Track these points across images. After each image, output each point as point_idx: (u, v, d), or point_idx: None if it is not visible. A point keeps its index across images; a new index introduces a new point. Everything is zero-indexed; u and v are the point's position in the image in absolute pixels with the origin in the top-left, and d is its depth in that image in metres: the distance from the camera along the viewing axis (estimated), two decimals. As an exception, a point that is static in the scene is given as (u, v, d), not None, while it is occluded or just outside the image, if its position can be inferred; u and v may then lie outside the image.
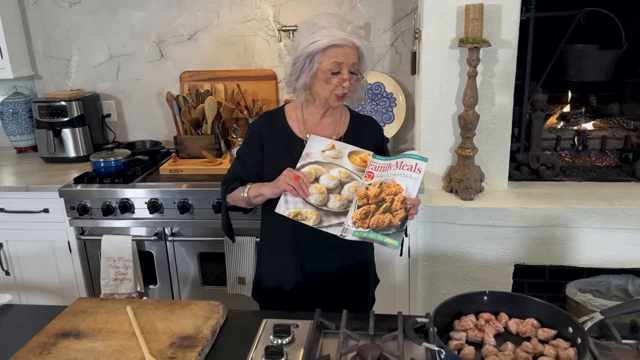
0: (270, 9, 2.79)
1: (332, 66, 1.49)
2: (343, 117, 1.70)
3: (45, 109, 2.81)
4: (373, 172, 1.45)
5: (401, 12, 2.70)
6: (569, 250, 2.29)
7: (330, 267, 1.66)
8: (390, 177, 1.45)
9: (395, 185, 1.44)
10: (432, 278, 2.40)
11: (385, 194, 1.45)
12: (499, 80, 2.28)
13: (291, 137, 1.64)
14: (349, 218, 1.45)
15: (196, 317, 1.31)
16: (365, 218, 1.44)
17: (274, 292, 1.72)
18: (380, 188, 1.45)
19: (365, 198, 1.46)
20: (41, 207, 2.50)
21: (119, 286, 2.45)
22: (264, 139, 1.64)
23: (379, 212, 1.44)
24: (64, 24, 2.97)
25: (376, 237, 1.42)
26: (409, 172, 1.44)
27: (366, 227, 1.44)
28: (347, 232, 1.45)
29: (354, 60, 1.50)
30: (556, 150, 2.65)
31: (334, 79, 1.50)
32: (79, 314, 1.36)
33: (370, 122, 1.74)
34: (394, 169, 1.45)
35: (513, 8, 2.19)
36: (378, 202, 1.45)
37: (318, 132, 1.64)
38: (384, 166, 1.46)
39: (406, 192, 1.44)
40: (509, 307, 1.22)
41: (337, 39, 1.47)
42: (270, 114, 1.74)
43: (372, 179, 1.45)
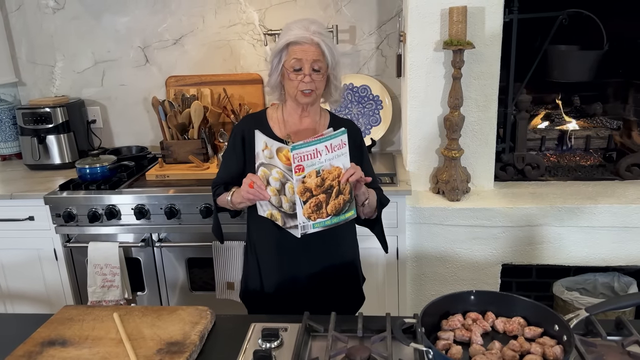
0: (255, 13, 2.79)
1: (293, 63, 1.55)
2: (323, 118, 1.72)
3: (29, 115, 2.78)
4: (302, 164, 1.43)
5: (386, 15, 2.71)
6: (556, 249, 2.31)
7: (316, 267, 1.67)
8: (327, 163, 1.46)
9: (335, 168, 1.48)
10: (421, 279, 2.41)
11: (330, 181, 1.47)
12: (483, 82, 2.30)
13: (272, 138, 1.65)
14: (300, 217, 1.47)
15: (184, 323, 1.31)
16: (319, 209, 1.48)
17: (261, 295, 1.72)
18: (321, 176, 1.46)
19: (308, 192, 1.46)
20: (26, 215, 2.48)
21: (107, 293, 2.43)
22: (245, 141, 1.67)
23: (332, 198, 1.48)
24: (47, 29, 2.95)
25: (339, 220, 1.51)
26: (339, 151, 1.48)
27: (326, 216, 1.49)
28: (306, 228, 1.48)
29: (315, 57, 1.54)
30: (541, 150, 2.68)
31: (295, 75, 1.55)
32: (65, 321, 1.34)
33: (349, 125, 1.74)
34: (326, 154, 1.46)
35: (496, 10, 2.22)
36: (326, 190, 1.48)
37: (298, 132, 1.67)
38: (311, 153, 1.44)
39: (344, 168, 1.50)
40: (495, 306, 1.23)
41: (295, 37, 1.53)
42: (252, 116, 1.78)
43: (304, 171, 1.44)
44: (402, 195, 2.26)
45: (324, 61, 1.56)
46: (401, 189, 2.27)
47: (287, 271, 1.66)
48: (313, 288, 1.69)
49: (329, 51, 1.56)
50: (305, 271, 1.67)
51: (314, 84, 1.57)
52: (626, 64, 2.61)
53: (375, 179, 1.79)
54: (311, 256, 1.65)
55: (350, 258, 1.78)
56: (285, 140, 1.63)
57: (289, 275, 1.67)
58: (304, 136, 1.66)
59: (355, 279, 1.81)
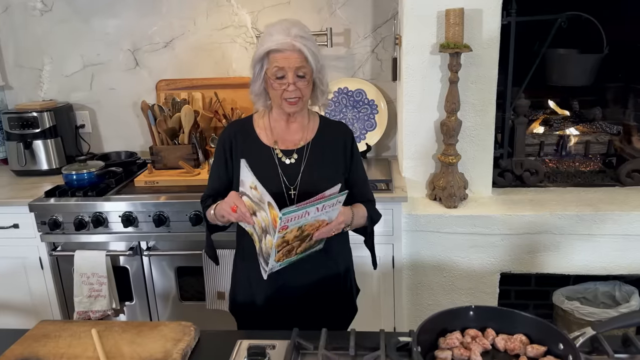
0: (248, 16, 2.73)
1: (276, 71, 1.47)
2: (312, 122, 1.65)
3: (15, 120, 2.71)
4: (288, 224, 1.34)
5: (381, 18, 2.66)
6: (555, 258, 2.25)
7: (307, 279, 1.61)
8: (312, 219, 1.39)
9: (319, 221, 1.42)
10: (417, 288, 2.34)
11: (310, 230, 1.42)
12: (480, 86, 2.24)
13: (259, 145, 1.61)
14: (271, 262, 1.42)
15: (165, 340, 1.24)
16: (290, 252, 1.44)
17: (250, 307, 1.66)
18: (302, 229, 1.39)
19: (285, 243, 1.40)
20: (11, 223, 2.40)
21: (94, 303, 2.35)
22: (232, 149, 1.61)
23: (305, 241, 1.44)
24: (35, 32, 2.88)
25: (304, 256, 1.48)
26: (330, 209, 1.41)
27: (294, 256, 1.46)
28: (273, 269, 1.45)
29: (298, 64, 1.46)
30: (540, 156, 2.63)
31: (279, 84, 1.49)
32: (41, 338, 1.27)
33: (340, 128, 1.68)
34: (315, 213, 1.37)
35: (494, 12, 2.16)
36: (303, 238, 1.42)
37: (285, 138, 1.61)
38: (299, 214, 1.35)
39: (329, 220, 1.44)
40: (496, 322, 1.16)
41: (275, 44, 1.46)
42: (237, 122, 1.71)
43: (287, 229, 1.35)
44: (397, 202, 2.20)
45: (308, 67, 1.48)
46: (397, 195, 2.20)
47: (277, 280, 1.59)
48: (304, 299, 1.62)
49: (313, 56, 1.48)
50: (296, 281, 1.60)
51: (299, 91, 1.50)
52: (626, 68, 2.57)
53: (369, 189, 1.72)
54: (302, 265, 1.57)
55: (344, 268, 1.71)
56: (273, 148, 1.56)
57: (279, 285, 1.60)
58: (291, 142, 1.61)
59: (348, 290, 1.74)
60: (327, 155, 1.61)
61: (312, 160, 1.59)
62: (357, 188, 1.66)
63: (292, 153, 1.59)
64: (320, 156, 1.60)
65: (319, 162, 1.59)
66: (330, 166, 1.61)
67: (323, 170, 1.59)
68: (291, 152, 1.59)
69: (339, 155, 1.62)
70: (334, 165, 1.62)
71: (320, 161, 1.60)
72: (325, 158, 1.61)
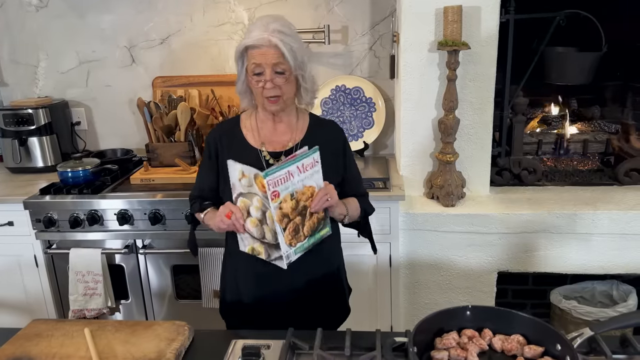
0: (245, 12, 2.71)
1: (253, 67, 1.44)
2: (300, 121, 1.61)
3: (10, 117, 2.69)
4: (277, 189, 1.33)
5: (379, 15, 2.64)
6: (553, 257, 2.24)
7: (297, 279, 1.56)
8: (299, 184, 1.39)
9: (307, 188, 1.41)
10: (415, 287, 2.33)
11: (304, 201, 1.41)
12: (479, 84, 2.23)
13: (245, 147, 1.56)
14: (283, 247, 1.39)
15: (159, 340, 1.22)
16: (297, 233, 1.41)
17: (240, 307, 1.62)
18: (295, 199, 1.38)
19: (286, 217, 1.38)
20: (5, 220, 2.38)
21: (89, 302, 2.34)
22: (219, 152, 1.58)
23: (307, 219, 1.42)
24: (30, 28, 2.86)
25: (314, 240, 1.46)
26: (312, 170, 1.41)
27: (304, 239, 1.43)
28: (290, 256, 1.41)
29: (274, 60, 1.42)
30: (537, 155, 2.62)
31: (257, 81, 1.45)
32: (33, 337, 1.26)
33: (330, 126, 1.65)
34: (299, 174, 1.38)
35: (492, 10, 2.15)
36: (301, 212, 1.40)
37: (272, 139, 1.57)
38: (284, 176, 1.35)
39: (317, 187, 1.44)
40: (493, 323, 1.15)
41: (251, 40, 1.43)
42: (225, 123, 1.68)
43: (280, 197, 1.35)
44: (395, 201, 2.19)
45: (285, 63, 1.43)
46: (394, 194, 2.19)
47: (266, 280, 1.56)
48: (294, 300, 1.58)
49: (290, 52, 1.43)
50: (286, 281, 1.55)
51: (278, 89, 1.46)
52: (625, 67, 2.55)
53: (361, 184, 1.70)
54: (292, 265, 1.52)
55: (335, 268, 1.68)
56: (260, 150, 1.54)
57: (268, 285, 1.56)
58: (279, 144, 1.57)
59: (340, 291, 1.72)
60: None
61: None
62: (349, 186, 1.63)
63: (280, 155, 1.55)
64: None
65: None
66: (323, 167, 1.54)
67: None
68: (279, 155, 1.55)
69: (331, 155, 1.57)
70: (326, 166, 1.54)
71: None
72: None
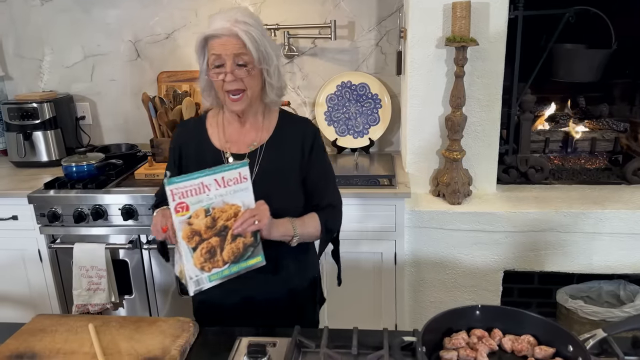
0: (251, 7, 2.69)
1: (213, 59, 1.34)
2: (268, 120, 1.49)
3: (15, 111, 2.68)
4: (184, 202, 1.18)
5: (386, 10, 2.62)
6: (560, 256, 2.22)
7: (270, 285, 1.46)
8: (218, 199, 1.23)
9: (229, 206, 1.25)
10: (420, 285, 2.31)
11: (224, 221, 1.24)
12: (486, 81, 2.21)
13: (209, 149, 1.47)
14: (190, 269, 1.21)
15: (164, 336, 1.21)
16: (213, 257, 1.24)
17: (210, 309, 1.51)
18: (211, 216, 1.23)
19: (196, 235, 1.21)
20: (9, 214, 2.38)
21: (92, 297, 2.33)
22: (182, 156, 1.50)
23: (228, 242, 1.25)
24: (35, 22, 2.85)
25: (239, 269, 1.28)
26: (237, 186, 1.25)
27: (223, 264, 1.25)
28: (201, 282, 1.23)
29: (235, 51, 1.32)
30: (545, 153, 2.59)
31: (217, 73, 1.34)
32: (37, 332, 1.25)
33: (301, 125, 1.50)
34: (217, 188, 1.22)
35: (501, 6, 2.12)
36: (219, 232, 1.24)
37: (238, 140, 1.47)
38: (195, 188, 1.20)
39: (244, 206, 1.27)
40: (502, 323, 1.13)
41: (213, 29, 1.32)
42: (189, 122, 1.58)
43: (189, 210, 1.19)
44: (400, 198, 2.17)
45: (248, 54, 1.33)
46: (400, 191, 2.17)
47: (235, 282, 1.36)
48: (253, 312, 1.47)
49: (252, 42, 1.32)
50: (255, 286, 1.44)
51: (240, 82, 1.34)
52: (634, 64, 2.52)
53: (330, 193, 1.52)
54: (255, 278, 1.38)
55: (311, 277, 1.58)
56: (223, 152, 1.44)
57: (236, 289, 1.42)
58: (243, 144, 1.46)
59: (314, 302, 1.62)
60: (282, 158, 1.45)
61: (265, 164, 1.44)
62: (315, 193, 1.49)
63: (244, 157, 1.44)
64: (274, 159, 1.45)
65: (273, 165, 1.44)
66: (286, 170, 1.45)
67: (277, 174, 1.44)
68: (242, 157, 1.44)
69: (295, 156, 1.45)
70: (290, 169, 1.46)
71: (274, 165, 1.44)
72: (280, 161, 1.45)
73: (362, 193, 2.18)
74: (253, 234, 1.28)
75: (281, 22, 2.64)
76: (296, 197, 1.46)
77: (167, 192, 1.16)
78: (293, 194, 1.46)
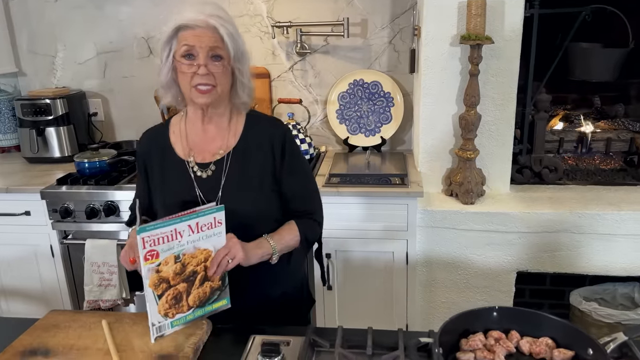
0: (263, 4, 2.68)
1: (184, 50, 1.24)
2: (234, 124, 1.38)
3: (28, 107, 2.69)
4: (155, 249, 1.12)
5: (400, 8, 2.60)
6: (574, 257, 2.20)
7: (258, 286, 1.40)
8: (189, 245, 1.17)
9: (200, 251, 1.19)
10: (431, 285, 2.30)
11: (194, 266, 1.19)
12: (501, 79, 2.18)
13: (172, 159, 1.37)
14: (153, 316, 1.17)
15: (177, 334, 1.20)
16: (178, 302, 1.19)
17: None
18: (181, 262, 1.17)
19: (164, 282, 1.16)
20: (22, 210, 2.39)
21: (104, 292, 2.34)
22: (148, 169, 1.41)
23: (195, 287, 1.20)
24: (49, 19, 2.86)
25: (204, 312, 1.24)
26: (210, 231, 1.19)
27: (187, 309, 1.21)
28: (163, 328, 1.19)
29: (211, 44, 1.23)
30: (559, 153, 2.56)
31: (188, 65, 1.24)
32: (50, 328, 1.25)
33: (268, 126, 1.39)
34: (190, 234, 1.16)
35: (517, 4, 2.10)
36: (187, 278, 1.19)
37: (203, 148, 1.36)
38: (167, 234, 1.13)
39: (215, 250, 1.21)
40: (520, 325, 1.11)
41: (185, 20, 1.24)
42: (152, 131, 1.47)
43: (158, 258, 1.13)
44: (413, 197, 2.15)
45: (224, 49, 1.25)
46: (412, 190, 2.15)
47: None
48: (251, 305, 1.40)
49: (230, 38, 1.25)
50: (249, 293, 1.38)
51: (212, 77, 1.25)
52: (651, 64, 2.49)
53: (310, 200, 1.44)
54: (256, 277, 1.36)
55: (299, 278, 1.53)
56: (188, 162, 1.35)
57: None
58: (208, 152, 1.36)
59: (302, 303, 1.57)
60: (252, 165, 1.35)
61: (232, 173, 1.34)
62: (295, 199, 1.40)
63: (209, 166, 1.35)
64: (243, 167, 1.35)
65: (241, 174, 1.35)
66: (256, 177, 1.35)
67: (246, 184, 1.34)
68: (207, 165, 1.35)
69: (266, 162, 1.35)
70: (261, 176, 1.36)
71: (244, 173, 1.35)
72: (250, 168, 1.35)
73: (373, 192, 2.16)
74: (221, 278, 1.24)
75: (294, 20, 2.63)
76: (271, 205, 1.38)
77: (137, 239, 1.10)
78: (267, 202, 1.36)
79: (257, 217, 1.34)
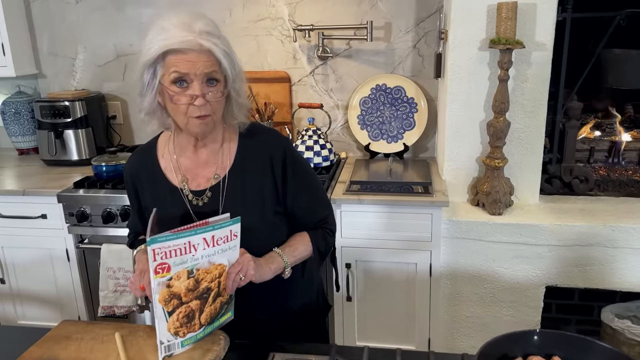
0: (285, 8, 2.63)
1: (175, 78, 1.10)
2: (227, 143, 1.27)
3: (47, 109, 2.68)
4: (167, 262, 1.05)
5: (425, 11, 2.53)
6: (606, 272, 2.10)
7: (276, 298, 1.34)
8: (204, 259, 1.10)
9: (215, 267, 1.12)
10: (456, 299, 2.21)
11: (208, 283, 1.11)
12: (532, 86, 2.10)
13: (166, 187, 1.27)
14: (162, 333, 1.10)
15: (193, 349, 1.14)
16: (190, 321, 1.12)
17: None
18: (194, 277, 1.10)
19: (175, 298, 1.09)
20: (39, 213, 2.36)
21: (119, 299, 2.30)
22: (137, 186, 1.32)
23: (208, 304, 1.13)
24: (69, 21, 2.85)
25: (212, 329, 1.18)
26: (226, 245, 1.12)
27: (199, 328, 1.14)
28: (173, 347, 1.12)
29: (206, 69, 1.10)
30: (589, 163, 2.46)
31: (180, 95, 1.11)
32: (62, 340, 1.19)
33: (265, 140, 1.28)
34: (204, 248, 1.09)
35: (549, 7, 2.02)
36: (200, 295, 1.12)
37: (196, 173, 1.27)
38: (180, 247, 1.06)
39: (229, 265, 1.14)
40: (563, 350, 1.03)
41: (173, 43, 1.08)
42: (140, 152, 1.35)
43: (170, 272, 1.06)
44: (437, 207, 2.07)
45: (220, 72, 1.13)
46: (437, 199, 2.08)
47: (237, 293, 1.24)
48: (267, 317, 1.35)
49: (227, 58, 1.12)
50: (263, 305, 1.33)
51: (209, 106, 1.13)
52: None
53: (320, 209, 1.37)
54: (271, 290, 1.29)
55: (316, 286, 1.47)
56: (182, 189, 1.26)
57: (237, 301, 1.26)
58: (203, 178, 1.27)
59: (319, 311, 1.50)
60: (251, 185, 1.26)
61: (231, 197, 1.25)
62: (303, 215, 1.33)
63: (204, 193, 1.26)
64: (242, 188, 1.25)
65: (241, 196, 1.25)
66: (257, 198, 1.26)
67: (248, 205, 1.25)
68: (202, 193, 1.26)
69: (266, 180, 1.26)
70: (262, 195, 1.26)
71: (243, 195, 1.25)
72: (249, 189, 1.25)
73: (395, 201, 2.09)
74: (229, 294, 1.18)
75: (316, 23, 2.58)
76: (277, 224, 1.29)
77: (148, 251, 1.03)
78: (271, 223, 1.28)
79: (266, 236, 1.27)
